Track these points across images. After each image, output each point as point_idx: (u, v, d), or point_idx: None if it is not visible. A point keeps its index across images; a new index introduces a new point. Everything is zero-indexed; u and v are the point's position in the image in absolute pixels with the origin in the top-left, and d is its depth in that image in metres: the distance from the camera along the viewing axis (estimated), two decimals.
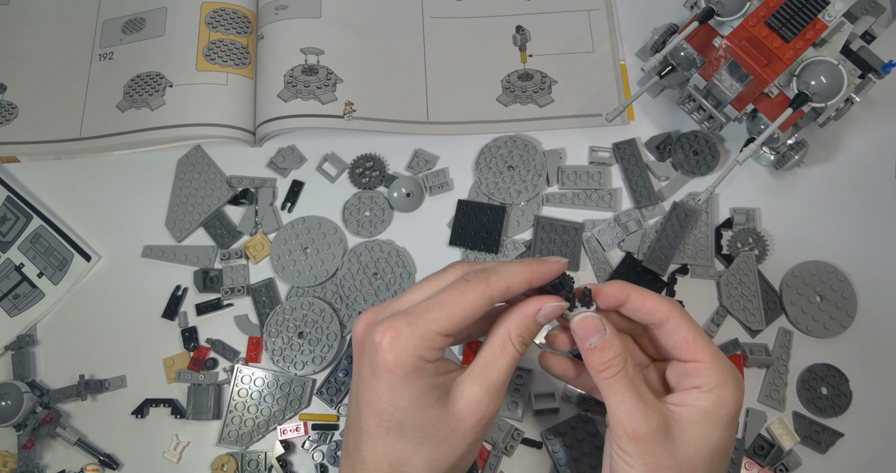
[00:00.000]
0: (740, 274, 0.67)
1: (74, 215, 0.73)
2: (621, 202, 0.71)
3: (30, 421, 0.64)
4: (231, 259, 0.69)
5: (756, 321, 0.66)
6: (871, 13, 0.62)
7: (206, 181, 0.72)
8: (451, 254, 0.70)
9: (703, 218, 0.69)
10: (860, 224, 0.70)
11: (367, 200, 0.71)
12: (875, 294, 0.67)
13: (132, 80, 0.75)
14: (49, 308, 0.70)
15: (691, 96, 0.66)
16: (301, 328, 0.67)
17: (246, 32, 0.77)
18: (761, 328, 0.66)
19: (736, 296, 0.66)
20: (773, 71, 0.58)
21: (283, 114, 0.72)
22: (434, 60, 0.76)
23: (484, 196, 0.71)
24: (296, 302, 0.67)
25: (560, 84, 0.75)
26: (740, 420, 0.64)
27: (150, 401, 0.66)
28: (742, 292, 0.67)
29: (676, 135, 0.71)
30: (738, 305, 0.66)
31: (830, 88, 0.58)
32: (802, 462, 0.63)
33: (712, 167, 0.70)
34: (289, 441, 0.65)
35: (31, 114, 0.76)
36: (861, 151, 0.72)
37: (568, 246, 0.68)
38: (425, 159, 0.73)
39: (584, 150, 0.73)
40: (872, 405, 0.65)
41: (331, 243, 0.70)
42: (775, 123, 0.59)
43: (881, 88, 0.71)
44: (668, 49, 0.64)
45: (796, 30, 0.58)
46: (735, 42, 0.59)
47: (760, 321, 0.66)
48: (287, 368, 0.66)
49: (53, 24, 0.80)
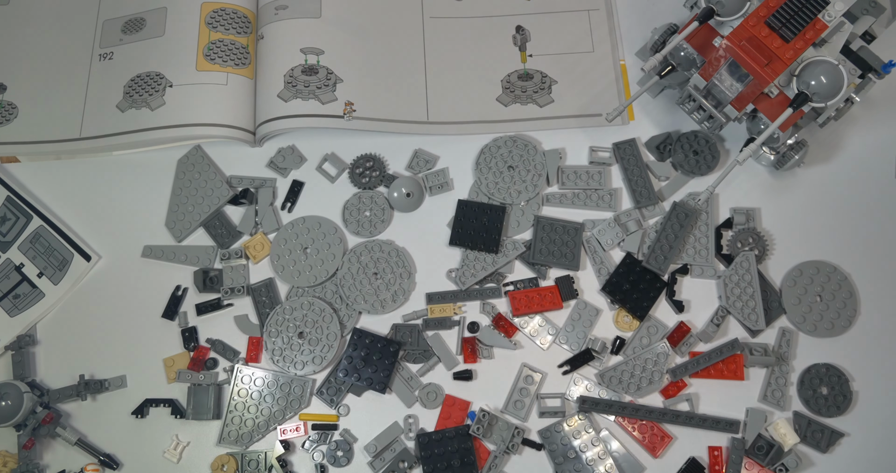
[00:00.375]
0: (740, 274, 0.67)
1: (74, 215, 0.73)
2: (621, 202, 0.71)
3: (30, 421, 0.64)
4: (231, 259, 0.69)
5: (756, 321, 0.66)
6: (871, 13, 0.62)
7: (206, 181, 0.72)
8: (451, 254, 0.70)
9: (703, 218, 0.69)
10: (861, 224, 0.70)
11: (367, 200, 0.71)
12: (876, 294, 0.67)
13: (132, 80, 0.75)
14: (49, 308, 0.70)
15: (691, 96, 0.66)
16: (301, 327, 0.67)
17: (246, 32, 0.77)
18: (762, 328, 0.66)
19: (736, 296, 0.66)
20: (773, 71, 0.58)
21: (283, 114, 0.72)
22: (434, 60, 0.76)
23: (484, 196, 0.71)
24: (296, 302, 0.67)
25: (560, 84, 0.75)
26: (741, 420, 0.64)
27: (150, 401, 0.66)
28: (742, 293, 0.66)
29: (676, 135, 0.71)
30: (737, 305, 0.66)
31: (830, 88, 0.58)
32: (803, 462, 0.63)
33: (712, 167, 0.70)
34: (289, 441, 0.65)
35: (31, 114, 0.76)
36: (861, 151, 0.72)
37: (568, 246, 0.68)
38: (425, 159, 0.73)
39: (584, 150, 0.72)
40: (876, 404, 0.65)
41: (331, 243, 0.70)
42: (775, 122, 0.59)
43: (881, 89, 0.71)
44: (668, 49, 0.64)
45: (796, 30, 0.58)
46: (735, 42, 0.59)
47: (760, 321, 0.66)
48: (287, 368, 0.66)
49: (53, 24, 0.80)
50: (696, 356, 0.65)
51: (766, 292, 0.67)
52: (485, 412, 0.63)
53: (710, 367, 0.64)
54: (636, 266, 0.67)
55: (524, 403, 0.65)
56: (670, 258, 0.67)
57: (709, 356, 0.64)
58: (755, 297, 0.66)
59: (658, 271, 0.67)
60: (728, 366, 0.64)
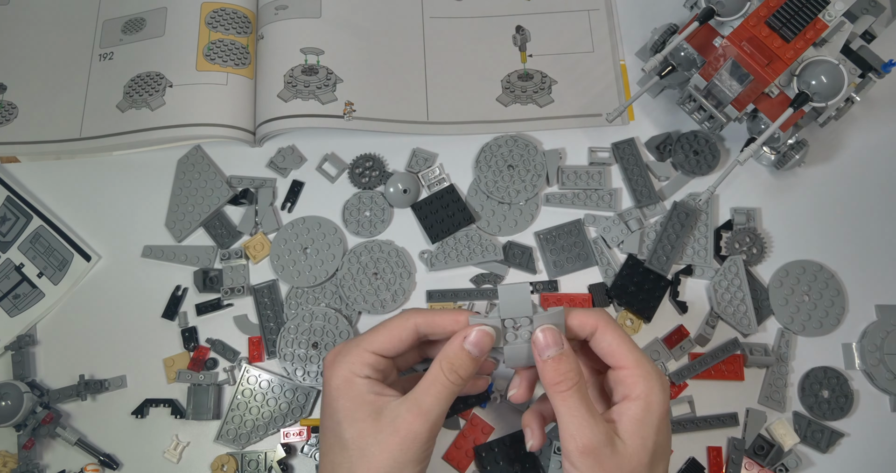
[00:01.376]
0: (729, 278, 0.67)
1: (74, 215, 0.73)
2: (621, 202, 0.71)
3: (30, 421, 0.64)
4: (231, 259, 0.69)
5: (747, 324, 0.66)
6: (871, 12, 0.62)
7: (206, 181, 0.72)
8: None
9: (703, 218, 0.69)
10: (861, 223, 0.69)
11: (367, 200, 0.71)
12: (874, 294, 0.67)
13: (132, 80, 0.75)
14: (49, 308, 0.70)
15: (692, 96, 0.66)
16: (316, 338, 0.67)
17: (246, 32, 0.77)
18: (752, 331, 0.66)
19: (727, 302, 0.66)
20: (773, 71, 0.58)
21: (283, 114, 0.72)
22: (434, 60, 0.76)
23: (483, 194, 0.71)
24: (317, 311, 0.67)
25: (560, 84, 0.75)
26: (740, 420, 0.64)
27: (150, 401, 0.66)
28: (732, 297, 0.66)
29: (676, 135, 0.71)
30: (728, 310, 0.66)
31: (831, 88, 0.58)
32: (803, 462, 0.63)
33: (713, 167, 0.70)
34: (290, 445, 0.65)
35: (32, 114, 0.76)
36: (862, 151, 0.72)
37: (577, 246, 0.69)
38: (424, 157, 0.73)
39: (584, 150, 0.72)
40: (877, 404, 0.65)
41: (331, 244, 0.70)
42: (776, 122, 0.59)
43: (882, 88, 0.70)
44: (669, 49, 0.64)
45: (797, 30, 0.58)
46: (735, 42, 0.59)
47: (753, 326, 0.66)
48: (298, 375, 0.66)
49: (53, 24, 0.80)
50: (697, 358, 0.65)
51: (758, 291, 0.67)
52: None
53: (710, 367, 0.64)
54: (639, 267, 0.67)
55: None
56: (672, 259, 0.67)
57: (711, 356, 0.64)
58: (745, 301, 0.66)
59: (661, 272, 0.67)
60: (728, 367, 0.64)
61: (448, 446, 0.64)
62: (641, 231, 0.69)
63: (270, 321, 0.68)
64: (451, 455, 0.63)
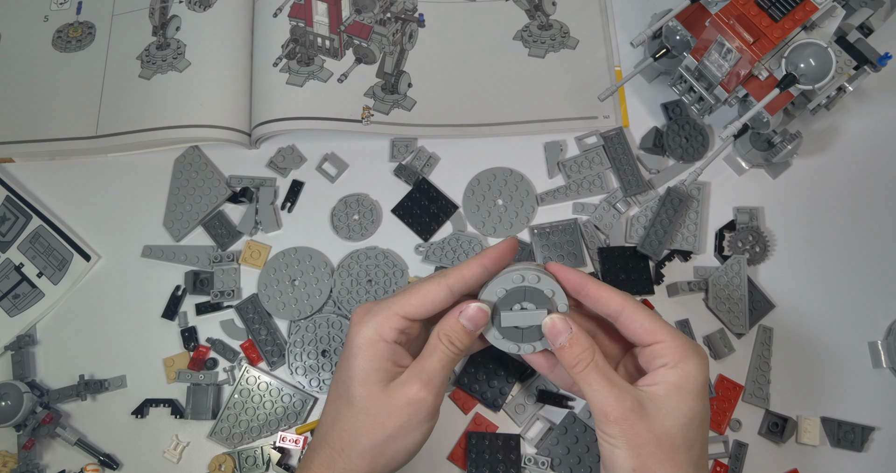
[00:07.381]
0: (729, 277, 0.67)
1: (74, 215, 0.73)
2: (611, 182, 0.71)
3: (30, 421, 0.64)
4: (223, 262, 0.69)
5: (740, 324, 0.66)
6: (870, 5, 0.62)
7: (204, 180, 0.72)
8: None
9: (694, 205, 0.69)
10: (862, 223, 0.69)
11: (353, 203, 0.71)
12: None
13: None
14: (49, 308, 0.70)
15: (683, 77, 0.66)
16: (324, 346, 0.66)
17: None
18: (744, 331, 0.66)
19: (722, 298, 0.66)
20: (759, 48, 0.58)
21: (283, 115, 0.71)
22: (434, 61, 0.76)
23: (479, 223, 0.70)
24: (319, 319, 0.67)
25: (555, 86, 0.74)
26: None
27: (150, 401, 0.66)
28: (729, 295, 0.66)
29: (664, 127, 0.71)
30: (723, 307, 0.66)
31: (819, 71, 0.57)
32: (837, 463, 0.63)
33: (706, 148, 0.71)
34: (285, 449, 0.64)
35: (26, 113, 0.75)
36: (863, 150, 0.72)
37: (570, 245, 0.68)
38: (405, 144, 0.73)
39: (577, 150, 0.72)
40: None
41: (319, 278, 0.68)
42: (761, 102, 0.59)
43: (880, 83, 0.70)
44: (659, 25, 0.64)
45: (785, 10, 0.57)
46: (724, 19, 0.59)
47: (744, 325, 0.66)
48: (314, 386, 0.66)
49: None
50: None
51: (751, 292, 0.67)
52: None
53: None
54: (627, 251, 0.68)
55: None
56: (664, 243, 0.67)
57: None
58: (742, 301, 0.66)
59: (653, 256, 0.67)
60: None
61: (452, 446, 0.64)
62: (626, 218, 0.69)
63: (262, 331, 0.67)
64: (455, 455, 0.63)
